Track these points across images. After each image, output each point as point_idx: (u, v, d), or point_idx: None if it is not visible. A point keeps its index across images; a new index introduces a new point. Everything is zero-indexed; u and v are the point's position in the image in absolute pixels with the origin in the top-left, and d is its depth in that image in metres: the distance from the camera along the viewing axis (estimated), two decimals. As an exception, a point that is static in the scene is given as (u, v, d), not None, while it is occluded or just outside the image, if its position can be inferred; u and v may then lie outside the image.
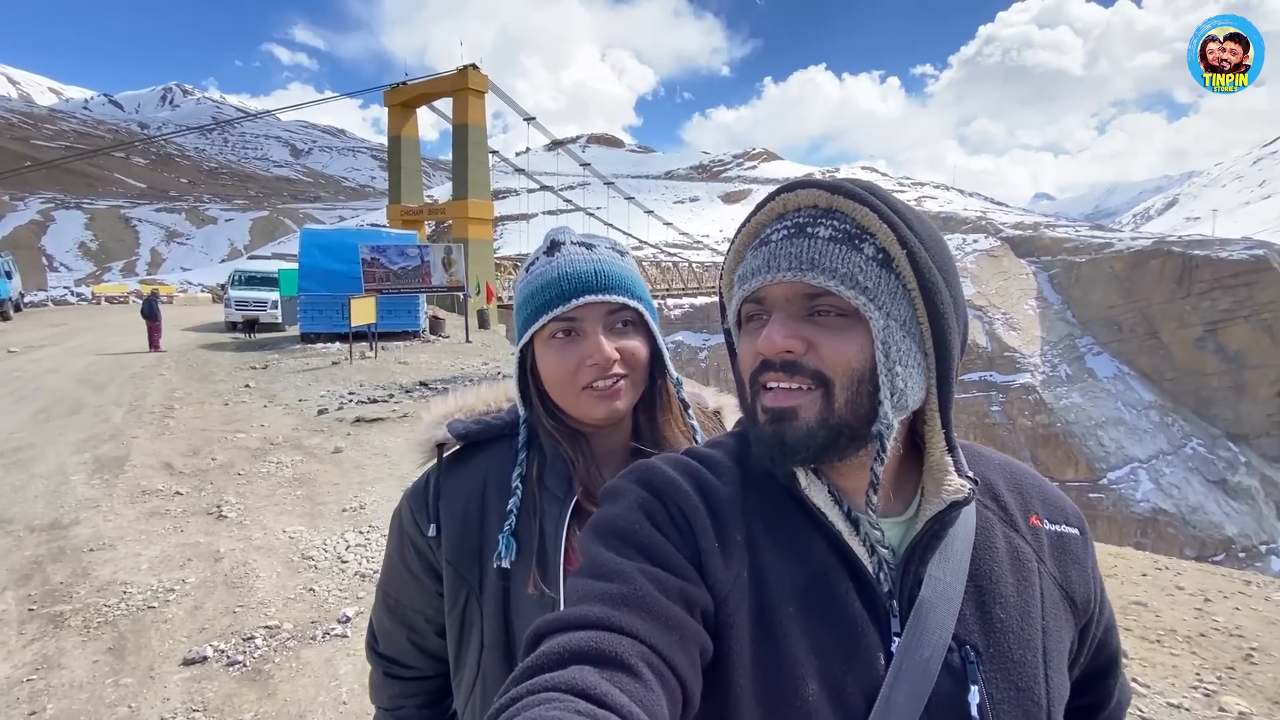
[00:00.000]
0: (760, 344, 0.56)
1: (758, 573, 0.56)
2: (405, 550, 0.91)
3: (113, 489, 5.47)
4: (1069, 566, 0.63)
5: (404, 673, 0.95)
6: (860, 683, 0.53)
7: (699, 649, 0.51)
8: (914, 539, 0.58)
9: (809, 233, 0.57)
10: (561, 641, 0.47)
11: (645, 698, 0.44)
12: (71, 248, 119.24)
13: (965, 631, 0.56)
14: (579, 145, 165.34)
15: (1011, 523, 0.63)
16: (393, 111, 28.39)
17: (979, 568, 0.59)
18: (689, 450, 0.67)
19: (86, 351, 13.46)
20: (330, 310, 14.80)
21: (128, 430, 7.34)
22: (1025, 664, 0.56)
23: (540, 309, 0.83)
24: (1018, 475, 0.68)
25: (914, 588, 0.56)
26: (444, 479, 0.89)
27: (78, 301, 31.66)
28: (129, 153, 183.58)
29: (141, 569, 4.04)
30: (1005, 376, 51.72)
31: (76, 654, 3.16)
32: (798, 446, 0.56)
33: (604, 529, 0.58)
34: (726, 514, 0.59)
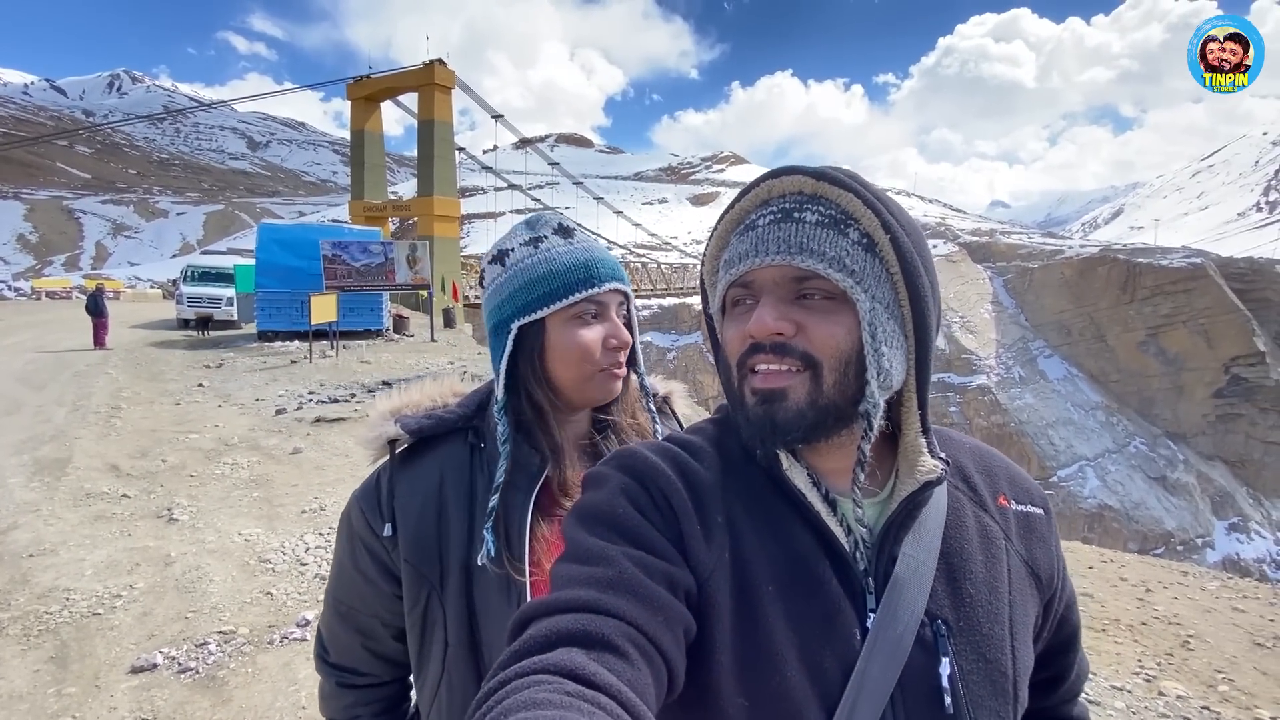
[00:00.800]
0: (751, 326, 0.57)
1: (738, 553, 0.58)
2: (357, 553, 0.88)
3: (54, 492, 5.22)
4: (1034, 544, 0.66)
5: (359, 680, 0.93)
6: (837, 657, 0.55)
7: (683, 628, 0.52)
8: (889, 518, 0.60)
9: (796, 218, 0.58)
10: (548, 625, 0.47)
11: (633, 677, 0.45)
12: (9, 240, 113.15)
13: (937, 606, 0.58)
14: (548, 144, 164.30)
15: (981, 503, 0.66)
16: (355, 105, 27.74)
17: (950, 545, 0.61)
18: (670, 436, 0.69)
19: (25, 349, 12.82)
20: (289, 308, 14.42)
21: (70, 431, 7.01)
22: (993, 637, 0.59)
23: (568, 288, 0.84)
24: (986, 458, 0.70)
25: (889, 565, 0.58)
26: (397, 476, 0.87)
27: (16, 296, 30.11)
28: (72, 141, 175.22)
29: (86, 574, 3.87)
30: (963, 378, 53.32)
31: (15, 663, 3.00)
32: (788, 427, 0.57)
33: (587, 514, 0.59)
34: (708, 497, 0.60)
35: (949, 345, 54.60)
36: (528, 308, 0.85)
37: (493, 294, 0.89)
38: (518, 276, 0.87)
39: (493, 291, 0.89)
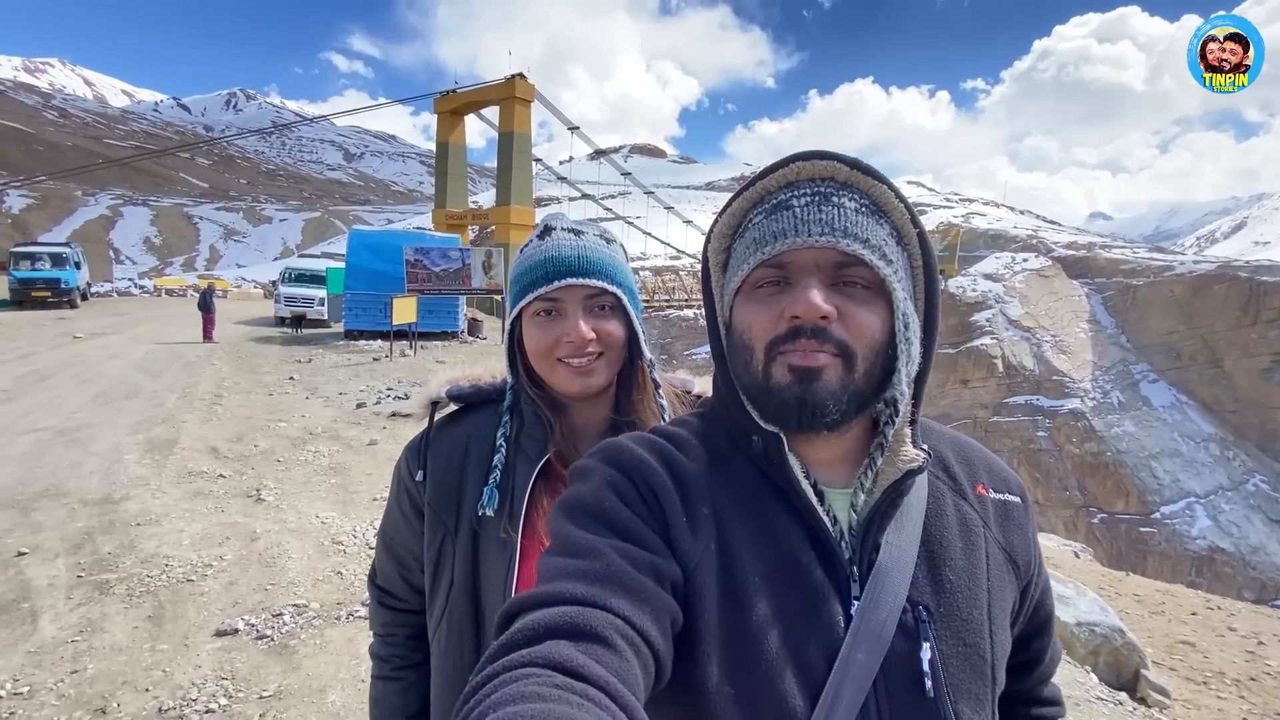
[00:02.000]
0: (799, 307, 0.56)
1: (725, 544, 0.58)
2: (399, 494, 1.00)
3: (162, 469, 5.73)
4: (1012, 532, 0.67)
5: (395, 604, 1.04)
6: (822, 644, 0.55)
7: (670, 619, 0.53)
8: (873, 507, 0.60)
9: (835, 202, 0.58)
10: (536, 618, 0.47)
11: (621, 668, 0.45)
12: (137, 242, 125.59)
13: (918, 593, 0.59)
14: (621, 155, 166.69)
15: (960, 492, 0.67)
16: (442, 118, 29.15)
17: (930, 533, 0.62)
18: (656, 429, 0.69)
19: (145, 340, 14.14)
20: (374, 309, 15.25)
21: (179, 415, 7.68)
22: (972, 621, 0.60)
23: (527, 287, 0.90)
24: (965, 448, 0.71)
25: (872, 553, 0.59)
26: (435, 434, 0.99)
27: (140, 293, 33.31)
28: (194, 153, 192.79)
29: (183, 544, 4.22)
30: (1053, 401, 49.86)
31: (118, 619, 3.32)
32: (824, 408, 0.57)
33: (574, 507, 0.59)
34: (694, 489, 0.61)
35: (1038, 366, 51.25)
36: (514, 301, 0.93)
37: (510, 283, 0.98)
38: (514, 269, 0.95)
39: (510, 281, 0.98)
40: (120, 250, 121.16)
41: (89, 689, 2.77)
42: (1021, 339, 52.06)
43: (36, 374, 9.76)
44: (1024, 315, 53.55)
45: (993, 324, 52.08)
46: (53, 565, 3.87)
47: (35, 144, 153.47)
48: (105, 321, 17.27)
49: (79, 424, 7.09)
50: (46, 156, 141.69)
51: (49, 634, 3.16)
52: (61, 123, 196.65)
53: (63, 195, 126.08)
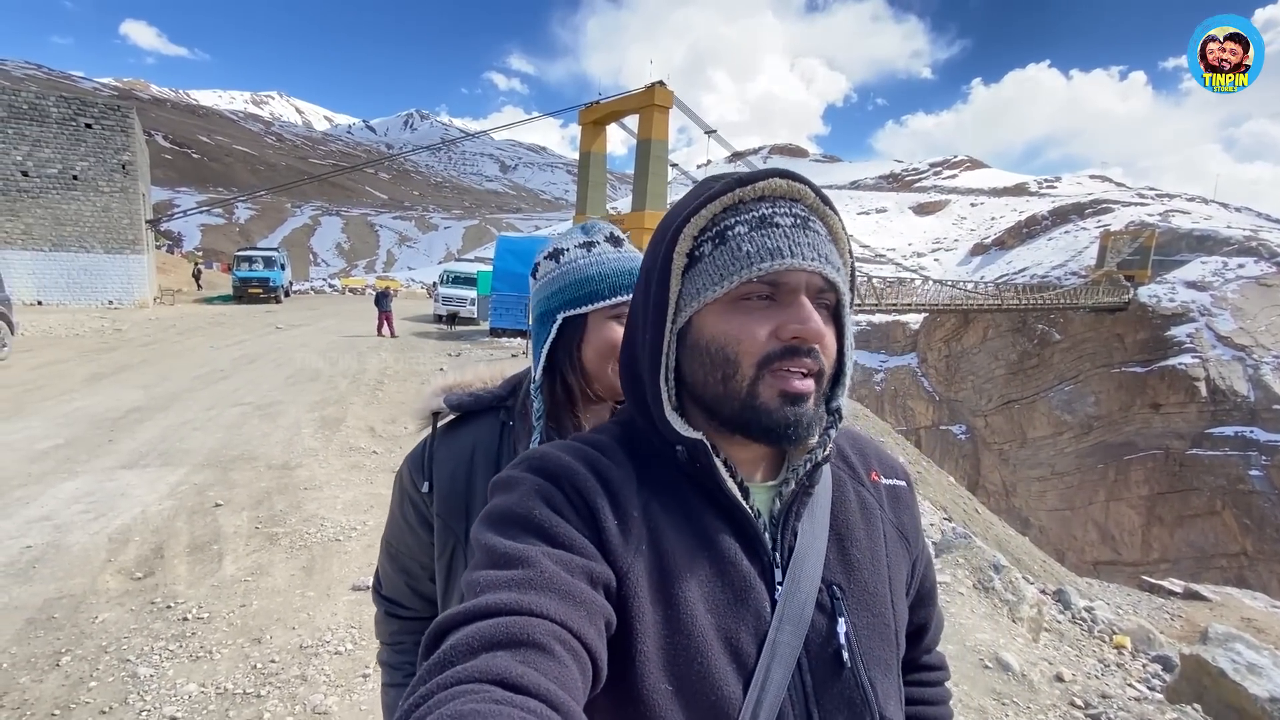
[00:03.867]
0: (804, 329, 0.59)
1: (656, 544, 0.60)
2: (404, 504, 1.03)
3: (329, 443, 6.59)
4: (901, 512, 0.75)
5: (402, 612, 1.08)
6: (751, 630, 0.59)
7: (604, 621, 0.54)
8: (789, 497, 0.65)
9: (813, 227, 0.62)
10: (470, 633, 0.46)
11: (560, 674, 0.46)
12: (330, 247, 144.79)
13: (831, 573, 0.65)
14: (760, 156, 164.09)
15: (858, 479, 0.74)
16: (585, 129, 30.56)
17: (837, 518, 0.68)
18: (577, 436, 0.71)
19: (330, 332, 16.29)
20: (515, 309, 16.36)
21: (348, 397, 8.77)
22: (878, 595, 0.66)
23: (612, 290, 0.94)
24: (858, 439, 0.79)
25: (792, 541, 0.64)
26: (438, 444, 1.01)
27: (330, 291, 38.38)
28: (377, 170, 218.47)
29: (337, 508, 4.84)
30: (1272, 435, 41.50)
31: (281, 567, 3.89)
32: (809, 429, 0.61)
33: (500, 518, 0.59)
34: (622, 493, 0.62)
35: (1255, 391, 43.00)
36: (575, 302, 0.95)
37: (544, 285, 0.98)
38: (570, 274, 0.96)
39: (545, 284, 0.98)
40: (317, 254, 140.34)
41: (251, 621, 3.29)
42: (1233, 359, 43.92)
43: (246, 357, 11.64)
44: (1237, 330, 45.13)
45: (1195, 340, 44.46)
46: (238, 516, 4.61)
47: (258, 164, 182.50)
48: (300, 315, 20.14)
49: (272, 400, 8.35)
50: (266, 174, 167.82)
51: (229, 572, 3.78)
52: (278, 146, 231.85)
53: (276, 207, 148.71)
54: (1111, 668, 4.43)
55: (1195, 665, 4.19)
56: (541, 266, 1.00)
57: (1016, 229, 73.96)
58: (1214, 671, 4.09)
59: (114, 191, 19.17)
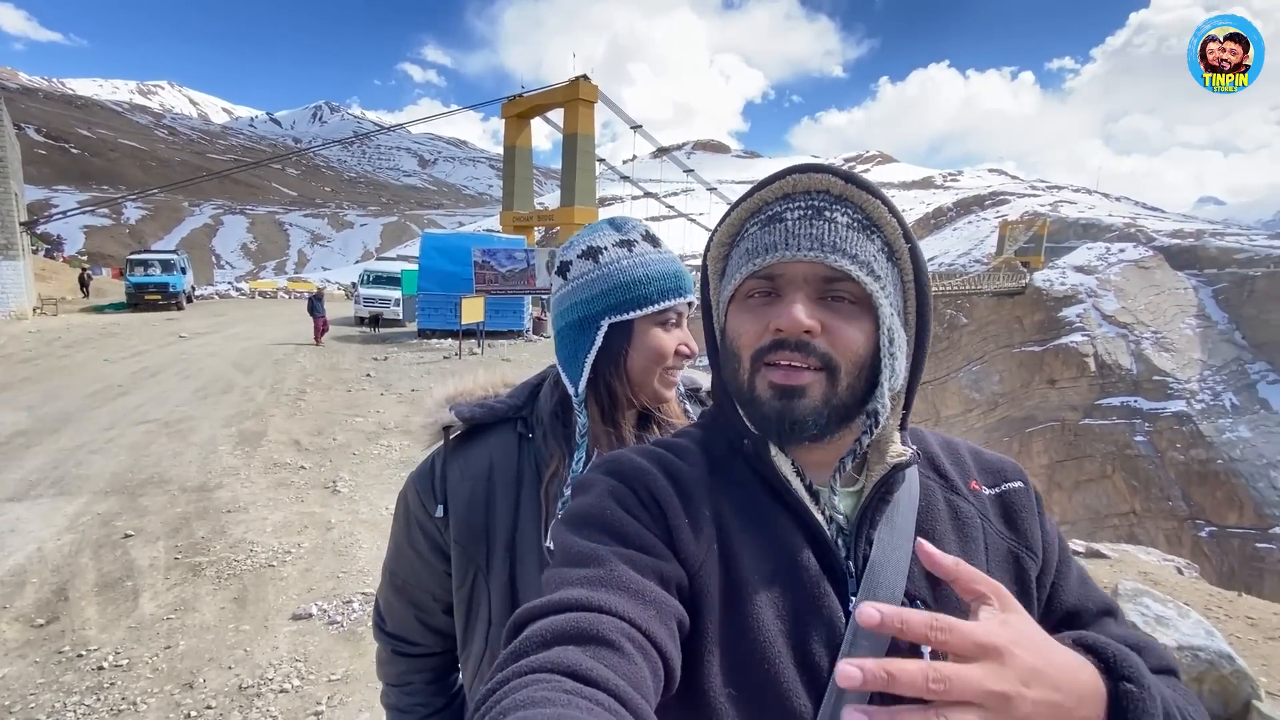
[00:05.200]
0: (782, 321, 0.58)
1: (726, 546, 0.60)
2: (412, 532, 0.93)
3: (251, 460, 6.14)
4: (1016, 518, 0.67)
5: (411, 650, 0.98)
6: (823, 641, 0.56)
7: (676, 621, 0.53)
8: (863, 503, 0.62)
9: (827, 216, 0.60)
10: (544, 625, 0.48)
11: (629, 671, 0.46)
12: (235, 248, 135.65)
13: (915, 588, 0.60)
14: (684, 152, 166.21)
15: (953, 488, 0.68)
16: (509, 123, 29.94)
17: (923, 529, 0.63)
18: (656, 440, 0.71)
19: (241, 339, 15.23)
20: (445, 309, 15.83)
21: (267, 409, 8.21)
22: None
23: (662, 294, 0.87)
24: (954, 447, 0.74)
25: (867, 549, 0.60)
26: (450, 461, 0.91)
27: (237, 295, 35.91)
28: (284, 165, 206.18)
29: (267, 531, 4.50)
30: (1154, 403, 45.99)
31: (208, 600, 3.57)
32: (804, 424, 0.59)
33: (576, 519, 0.60)
34: (694, 493, 0.62)
35: (1137, 365, 47.45)
36: (622, 306, 0.86)
37: (583, 287, 0.88)
38: (614, 275, 0.87)
39: (582, 285, 0.88)
40: (221, 256, 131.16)
41: (179, 664, 2.99)
42: (1117, 335, 48.30)
43: (147, 370, 10.69)
44: (1120, 310, 49.65)
45: (1084, 319, 48.59)
46: (154, 547, 4.21)
47: (148, 160, 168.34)
48: (206, 322, 18.72)
49: (181, 416, 7.70)
50: (158, 171, 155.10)
51: (148, 611, 3.43)
52: (171, 140, 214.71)
53: (172, 206, 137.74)
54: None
55: (1112, 622, 4.57)
56: (575, 266, 0.90)
57: (925, 220, 78.39)
58: (1127, 625, 4.47)
59: (-22, 190, 17.16)
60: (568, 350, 0.89)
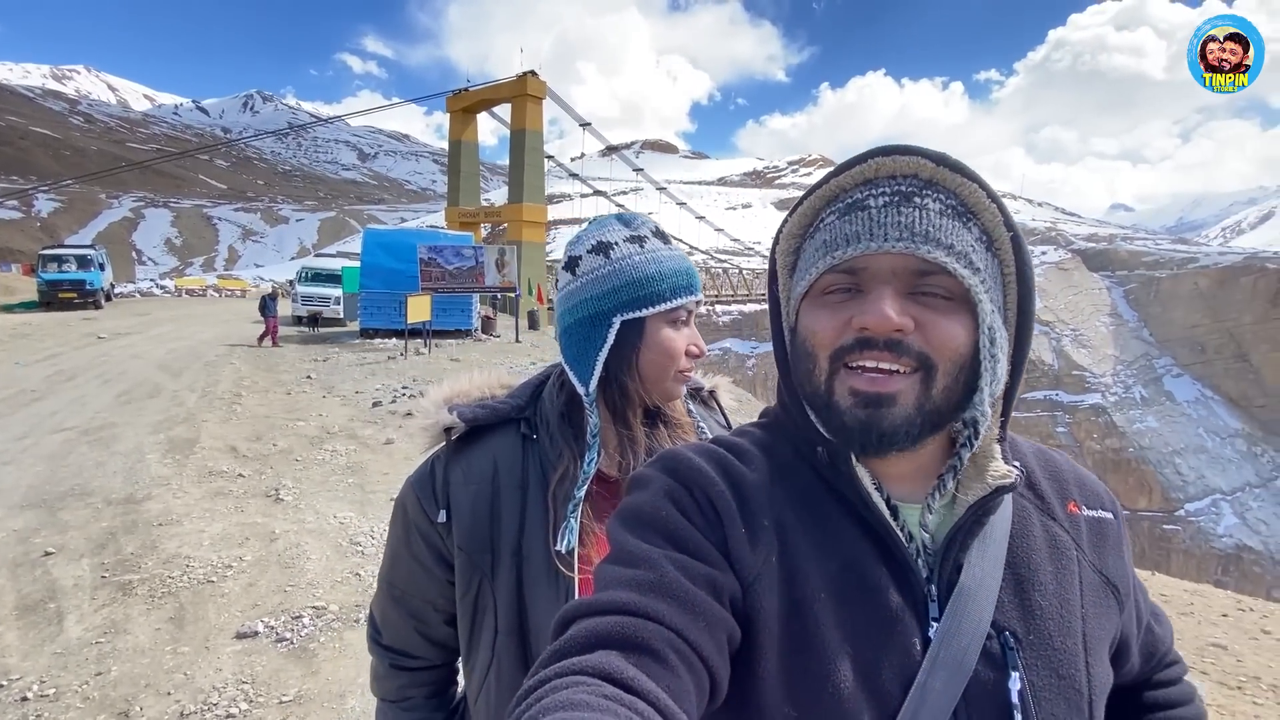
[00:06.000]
0: (869, 319, 0.52)
1: (788, 559, 0.55)
2: (412, 539, 0.90)
3: (183, 469, 5.79)
4: (1107, 552, 0.62)
5: (411, 663, 0.95)
6: (895, 669, 0.52)
7: (726, 635, 0.51)
8: (956, 524, 0.56)
9: (916, 203, 0.54)
10: (589, 626, 0.47)
11: (672, 684, 0.45)
12: (158, 243, 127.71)
13: (1004, 618, 0.55)
14: (633, 151, 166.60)
15: (1049, 511, 0.62)
16: (454, 117, 29.25)
17: (1016, 555, 0.58)
18: (716, 439, 0.67)
19: (167, 340, 14.34)
20: (389, 307, 15.33)
21: (199, 414, 7.77)
22: (1066, 651, 0.55)
23: (674, 291, 0.86)
24: (1054, 462, 0.67)
25: (953, 574, 0.55)
26: (452, 464, 0.89)
27: (161, 294, 33.82)
28: (212, 156, 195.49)
29: (204, 545, 4.26)
30: (1073, 396, 49.07)
31: (141, 621, 3.35)
32: (894, 435, 0.53)
33: (631, 517, 0.58)
34: (754, 501, 0.58)
35: (1058, 360, 50.49)
36: (635, 304, 0.85)
37: (592, 284, 0.86)
38: (626, 272, 0.85)
39: (593, 282, 0.86)
40: (142, 251, 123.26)
41: (113, 691, 2.79)
42: (1040, 333, 51.31)
43: (63, 374, 9.94)
44: (1042, 309, 52.78)
45: (1011, 318, 51.41)
46: (78, 565, 3.92)
47: (62, 149, 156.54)
48: (128, 322, 17.55)
49: (103, 423, 7.20)
50: (73, 161, 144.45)
51: (74, 635, 3.20)
52: (87, 128, 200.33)
53: (88, 198, 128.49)
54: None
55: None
56: (585, 261, 0.88)
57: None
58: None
59: None
60: (576, 348, 0.87)
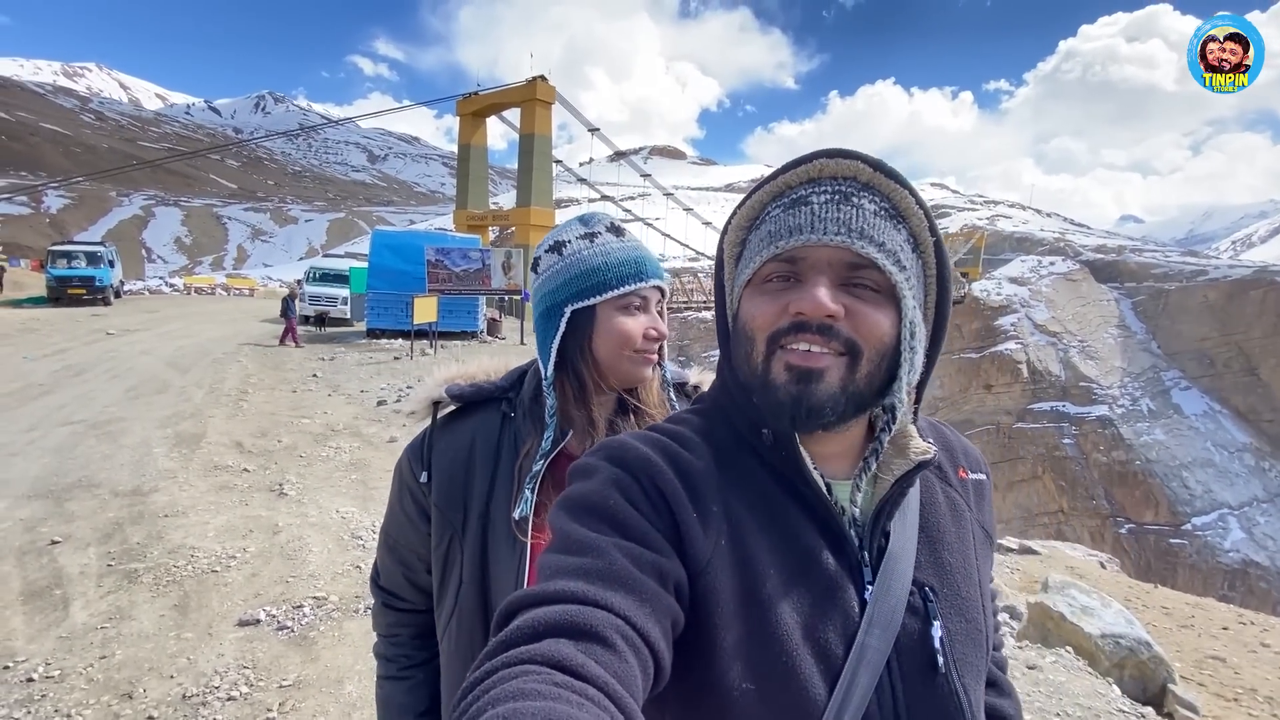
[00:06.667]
0: (804, 304, 0.56)
1: (738, 541, 0.59)
2: (403, 496, 1.01)
3: (189, 462, 5.87)
4: (985, 509, 0.72)
5: (400, 604, 1.06)
6: (838, 630, 0.57)
7: (671, 621, 0.53)
8: (884, 497, 0.62)
9: (854, 202, 0.58)
10: (536, 615, 0.47)
11: (620, 669, 0.45)
12: (168, 242, 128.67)
13: (923, 576, 0.62)
14: (641, 157, 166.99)
15: (946, 478, 0.70)
16: (464, 120, 29.48)
17: (927, 519, 0.65)
18: (656, 426, 0.69)
19: (175, 337, 14.48)
20: (395, 308, 15.42)
21: (206, 410, 7.85)
22: (970, 599, 0.64)
23: (620, 280, 0.93)
24: (944, 434, 0.74)
25: (881, 540, 0.61)
26: (438, 434, 1.00)
27: (170, 291, 34.10)
28: (223, 155, 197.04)
29: (209, 536, 4.33)
30: (1080, 408, 48.79)
31: (146, 608, 3.41)
32: (821, 408, 0.57)
33: (577, 505, 0.58)
34: (702, 487, 0.61)
35: (1065, 371, 50.21)
36: (582, 294, 0.93)
37: (548, 279, 0.96)
38: (574, 265, 0.94)
39: (548, 277, 0.96)
40: (152, 249, 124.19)
41: (117, 674, 2.85)
42: (1048, 344, 51.05)
43: (71, 369, 10.06)
44: (1050, 320, 52.52)
45: (1018, 328, 51.15)
46: (84, 554, 3.99)
47: (73, 146, 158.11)
48: (137, 319, 17.71)
49: (111, 418, 7.29)
50: (83, 158, 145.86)
51: (80, 620, 3.26)
52: (98, 125, 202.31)
53: (98, 196, 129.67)
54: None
55: (1040, 611, 4.82)
56: (543, 260, 0.98)
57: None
58: (1055, 615, 4.73)
59: (-123, 172, 15.77)
60: (539, 337, 0.97)
